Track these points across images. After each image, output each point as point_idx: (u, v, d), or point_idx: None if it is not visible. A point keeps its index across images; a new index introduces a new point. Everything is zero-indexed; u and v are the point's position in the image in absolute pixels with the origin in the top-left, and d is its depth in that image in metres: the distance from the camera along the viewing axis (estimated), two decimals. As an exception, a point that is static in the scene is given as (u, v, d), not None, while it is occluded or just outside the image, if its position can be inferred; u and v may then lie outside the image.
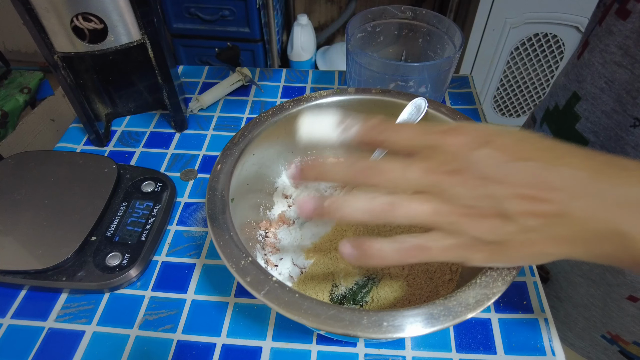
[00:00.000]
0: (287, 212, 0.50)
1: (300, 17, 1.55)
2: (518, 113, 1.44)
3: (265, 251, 0.46)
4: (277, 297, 0.31)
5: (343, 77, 0.77)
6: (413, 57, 0.65)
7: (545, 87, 1.34)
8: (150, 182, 0.55)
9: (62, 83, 0.56)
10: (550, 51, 1.24)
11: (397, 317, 0.29)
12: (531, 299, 0.46)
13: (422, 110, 0.46)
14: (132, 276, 0.47)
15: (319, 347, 0.43)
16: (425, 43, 0.62)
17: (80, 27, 0.50)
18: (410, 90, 0.55)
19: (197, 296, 0.47)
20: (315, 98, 0.48)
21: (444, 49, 0.59)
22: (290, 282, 0.45)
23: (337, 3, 1.72)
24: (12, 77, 1.26)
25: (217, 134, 0.66)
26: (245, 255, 0.34)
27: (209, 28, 1.49)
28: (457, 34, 0.55)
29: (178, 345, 0.43)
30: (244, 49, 1.52)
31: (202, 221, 0.54)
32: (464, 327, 0.44)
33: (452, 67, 0.55)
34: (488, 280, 0.31)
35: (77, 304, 0.46)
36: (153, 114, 0.70)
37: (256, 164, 0.46)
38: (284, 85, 0.75)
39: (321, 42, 1.75)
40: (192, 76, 0.77)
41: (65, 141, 0.65)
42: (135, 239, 0.49)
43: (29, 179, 0.52)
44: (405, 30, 0.62)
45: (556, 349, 0.42)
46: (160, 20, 0.55)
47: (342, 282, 0.43)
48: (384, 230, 0.45)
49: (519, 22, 1.19)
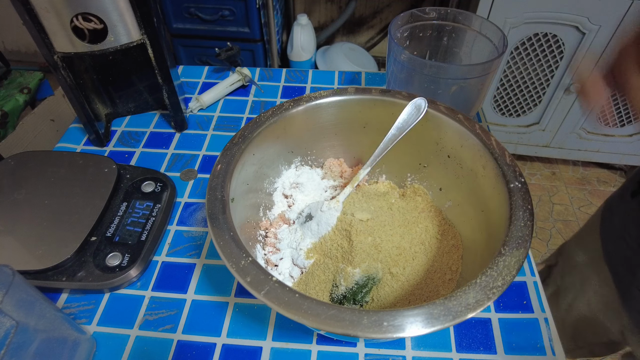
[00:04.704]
0: (287, 212, 0.50)
1: (300, 17, 1.55)
2: (518, 113, 1.44)
3: (265, 251, 0.46)
4: (277, 297, 0.31)
5: (343, 77, 0.77)
6: (438, 56, 0.65)
7: (545, 87, 1.34)
8: (150, 182, 0.55)
9: (62, 83, 0.56)
10: (550, 51, 1.24)
11: (397, 317, 0.29)
12: (531, 299, 0.46)
13: (422, 110, 0.46)
14: (132, 276, 0.47)
15: (319, 347, 0.43)
16: (450, 41, 0.62)
17: (80, 27, 0.50)
18: (471, 90, 0.55)
19: (197, 296, 0.47)
20: (315, 98, 0.48)
21: (472, 45, 0.60)
22: (290, 282, 0.45)
23: (337, 3, 1.72)
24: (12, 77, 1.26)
25: (217, 134, 0.66)
26: (245, 255, 0.34)
27: (208, 28, 1.48)
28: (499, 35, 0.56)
29: (178, 345, 0.43)
30: (244, 49, 1.52)
31: (202, 221, 0.54)
32: (464, 327, 0.44)
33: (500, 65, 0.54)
34: (488, 280, 0.31)
35: (77, 304, 0.46)
36: (153, 114, 0.70)
37: (256, 164, 0.46)
38: (284, 85, 0.75)
39: (321, 42, 1.75)
40: (192, 76, 0.77)
41: (65, 141, 0.65)
42: (135, 239, 0.49)
43: (29, 179, 0.52)
44: (429, 30, 0.62)
45: (556, 349, 0.42)
46: (160, 20, 0.55)
47: (342, 282, 0.43)
48: (384, 230, 0.45)
49: (519, 22, 1.19)
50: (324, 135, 0.52)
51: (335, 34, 1.82)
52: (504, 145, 0.44)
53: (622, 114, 1.38)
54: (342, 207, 0.47)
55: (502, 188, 0.39)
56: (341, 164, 0.54)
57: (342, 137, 0.53)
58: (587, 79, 0.43)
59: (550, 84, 1.34)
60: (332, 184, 0.54)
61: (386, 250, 0.44)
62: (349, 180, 0.51)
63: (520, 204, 0.37)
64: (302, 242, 0.46)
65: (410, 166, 0.52)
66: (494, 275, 0.32)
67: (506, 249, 0.34)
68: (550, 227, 1.46)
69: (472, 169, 0.44)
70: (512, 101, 1.43)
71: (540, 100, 1.40)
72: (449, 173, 0.48)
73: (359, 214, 0.46)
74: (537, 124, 1.47)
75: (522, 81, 1.36)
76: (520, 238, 0.34)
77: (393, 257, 0.44)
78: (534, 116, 1.46)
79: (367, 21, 1.78)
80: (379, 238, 0.44)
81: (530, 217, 0.36)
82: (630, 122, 1.40)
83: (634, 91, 0.38)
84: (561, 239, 1.42)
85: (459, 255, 0.45)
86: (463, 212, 0.46)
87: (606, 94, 0.42)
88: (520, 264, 0.32)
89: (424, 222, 0.48)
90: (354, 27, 1.81)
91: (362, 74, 0.77)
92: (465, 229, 0.46)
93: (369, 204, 0.48)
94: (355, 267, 0.43)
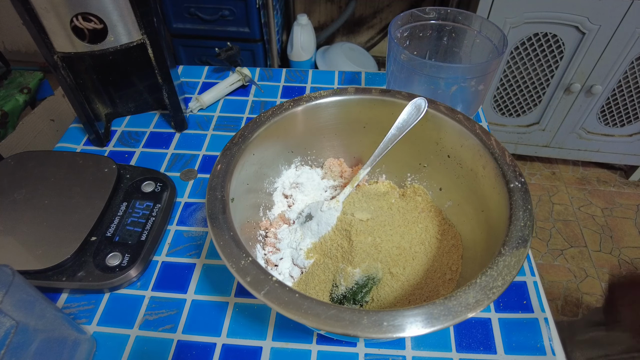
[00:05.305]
0: (287, 212, 0.50)
1: (300, 17, 1.55)
2: (518, 113, 1.44)
3: (265, 251, 0.46)
4: (277, 297, 0.31)
5: (343, 77, 0.77)
6: (437, 55, 0.65)
7: (545, 87, 1.34)
8: (150, 182, 0.55)
9: (62, 83, 0.56)
10: (550, 51, 1.24)
11: (397, 317, 0.29)
12: (531, 299, 0.46)
13: (422, 110, 0.46)
14: (132, 276, 0.47)
15: (319, 347, 0.43)
16: (450, 41, 0.62)
17: (80, 27, 0.50)
18: (471, 90, 0.55)
19: (197, 296, 0.47)
20: (315, 98, 0.48)
21: (471, 45, 0.60)
22: (290, 282, 0.45)
23: (337, 3, 1.72)
24: (12, 77, 1.26)
25: (217, 134, 0.66)
26: (245, 255, 0.34)
27: (208, 28, 1.48)
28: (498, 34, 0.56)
29: (178, 345, 0.43)
30: (243, 48, 1.52)
31: (202, 221, 0.54)
32: (464, 327, 0.44)
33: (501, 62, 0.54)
34: (488, 280, 0.31)
35: (77, 304, 0.46)
36: (153, 114, 0.70)
37: (256, 164, 0.46)
38: (284, 85, 0.75)
39: (321, 42, 1.75)
40: (192, 76, 0.77)
41: (65, 141, 0.65)
42: (135, 239, 0.49)
43: (29, 179, 0.52)
44: (429, 30, 0.62)
45: (556, 348, 0.42)
46: (160, 20, 0.55)
47: (342, 282, 0.43)
48: (384, 230, 0.45)
49: (519, 22, 1.19)
50: (324, 135, 0.52)
51: (335, 34, 1.82)
52: (504, 145, 0.44)
53: (622, 114, 1.38)
54: (342, 207, 0.47)
55: (502, 188, 0.39)
56: (341, 164, 0.54)
57: (342, 137, 0.53)
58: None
59: (550, 84, 1.34)
60: (332, 184, 0.54)
61: (386, 250, 0.44)
62: (349, 180, 0.51)
63: (520, 204, 0.37)
64: (302, 242, 0.46)
65: (410, 166, 0.52)
66: (494, 275, 0.32)
67: (506, 249, 0.34)
68: (550, 227, 1.46)
69: (472, 168, 0.44)
70: (512, 101, 1.43)
71: (540, 100, 1.40)
72: (449, 173, 0.48)
73: (359, 214, 0.46)
74: (537, 124, 1.47)
75: (522, 81, 1.36)
76: (520, 238, 0.34)
77: (393, 257, 0.44)
78: (534, 116, 1.46)
79: (367, 21, 1.78)
80: (379, 238, 0.44)
81: (530, 217, 0.36)
82: (630, 122, 1.40)
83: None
84: (561, 239, 1.42)
85: (459, 255, 0.45)
86: (463, 212, 0.46)
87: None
88: (520, 264, 0.32)
89: (424, 222, 0.48)
90: (354, 27, 1.81)
91: (362, 74, 0.77)
92: (465, 229, 0.46)
93: (369, 204, 0.48)
94: (355, 267, 0.43)
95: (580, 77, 1.30)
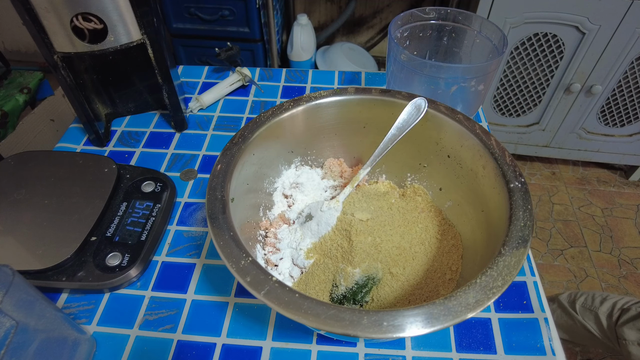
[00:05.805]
0: (287, 212, 0.50)
1: (300, 17, 1.55)
2: (518, 113, 1.44)
3: (265, 251, 0.46)
4: (277, 297, 0.31)
5: (343, 77, 0.77)
6: (437, 55, 0.65)
7: (545, 87, 1.34)
8: (150, 182, 0.55)
9: (62, 83, 0.56)
10: (550, 51, 1.24)
11: (397, 317, 0.29)
12: (531, 299, 0.46)
13: (422, 110, 0.46)
14: (132, 276, 0.47)
15: (319, 347, 0.43)
16: (450, 41, 0.62)
17: (80, 27, 0.50)
18: (471, 90, 0.55)
19: (197, 296, 0.47)
20: (315, 98, 0.48)
21: (471, 45, 0.60)
22: (290, 282, 0.45)
23: (337, 3, 1.72)
24: (12, 77, 1.26)
25: (217, 134, 0.66)
26: (245, 255, 0.34)
27: (208, 28, 1.48)
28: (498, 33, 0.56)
29: (178, 345, 0.43)
30: (243, 48, 1.52)
31: (202, 221, 0.54)
32: (464, 327, 0.44)
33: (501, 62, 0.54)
34: (488, 280, 0.31)
35: (77, 304, 0.46)
36: (153, 114, 0.70)
37: (256, 164, 0.46)
38: (284, 85, 0.75)
39: (321, 42, 1.75)
40: (192, 76, 0.77)
41: (65, 141, 0.65)
42: (135, 239, 0.49)
43: (29, 179, 0.52)
44: (429, 30, 0.62)
45: (556, 348, 0.42)
46: (160, 20, 0.55)
47: (342, 282, 0.43)
48: (384, 230, 0.45)
49: (519, 22, 1.19)
50: (324, 135, 0.52)
51: (335, 34, 1.82)
52: (504, 145, 0.44)
53: (622, 114, 1.38)
54: (342, 207, 0.47)
55: (502, 188, 0.39)
56: (341, 164, 0.54)
57: (342, 137, 0.53)
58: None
59: (550, 84, 1.34)
60: (332, 184, 0.54)
61: (386, 250, 0.44)
62: (349, 180, 0.51)
63: (520, 204, 0.37)
64: (302, 242, 0.46)
65: (410, 166, 0.52)
66: (494, 275, 0.32)
67: (506, 249, 0.34)
68: (550, 227, 1.46)
69: (472, 168, 0.44)
70: (512, 101, 1.43)
71: (540, 100, 1.40)
72: (449, 173, 0.48)
73: (358, 214, 0.46)
74: (537, 124, 1.47)
75: (522, 81, 1.36)
76: (520, 238, 0.34)
77: (393, 257, 0.44)
78: (534, 116, 1.46)
79: (367, 21, 1.78)
80: (379, 238, 0.44)
81: (530, 217, 0.36)
82: (630, 122, 1.40)
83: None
84: (561, 239, 1.42)
85: (459, 255, 0.45)
86: (463, 212, 0.46)
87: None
88: (520, 264, 0.32)
89: (424, 222, 0.48)
90: (354, 27, 1.81)
91: (362, 74, 0.77)
92: (465, 228, 0.46)
93: (369, 204, 0.48)
94: (355, 267, 0.43)
95: (580, 77, 1.30)
